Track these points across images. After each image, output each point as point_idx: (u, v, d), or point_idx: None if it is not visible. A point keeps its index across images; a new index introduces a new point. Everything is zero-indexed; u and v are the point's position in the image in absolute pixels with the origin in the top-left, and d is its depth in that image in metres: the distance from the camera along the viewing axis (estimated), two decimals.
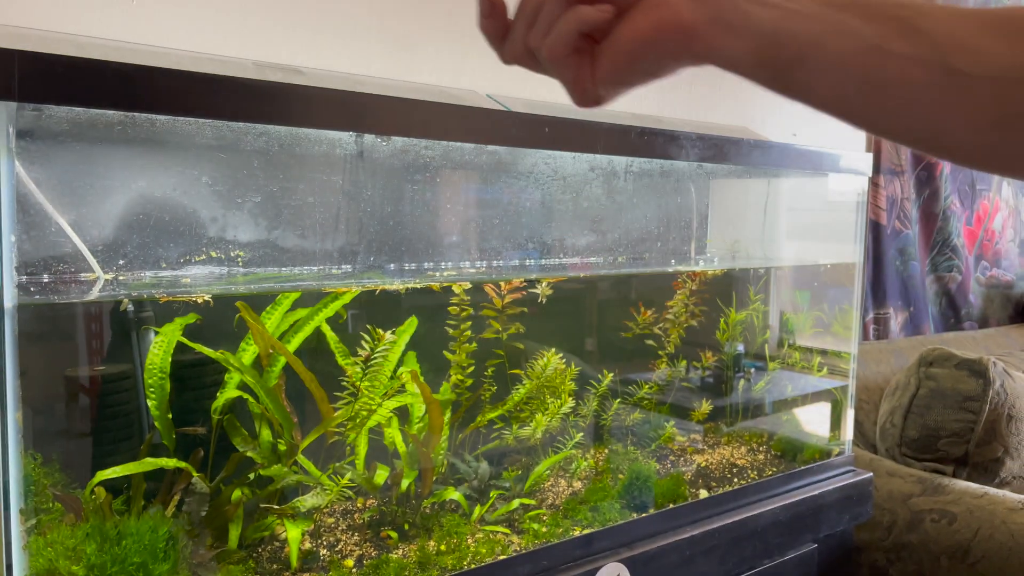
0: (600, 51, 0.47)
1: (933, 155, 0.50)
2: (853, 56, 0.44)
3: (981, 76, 0.42)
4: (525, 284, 1.15)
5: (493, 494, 1.13)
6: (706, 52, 0.46)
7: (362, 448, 1.05)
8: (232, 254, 0.96)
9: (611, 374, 1.31)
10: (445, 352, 1.13)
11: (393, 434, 1.07)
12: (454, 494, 1.09)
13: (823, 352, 1.57)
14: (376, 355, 1.02)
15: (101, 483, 0.83)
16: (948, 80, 0.42)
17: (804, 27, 0.44)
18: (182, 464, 0.89)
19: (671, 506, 1.19)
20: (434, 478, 1.10)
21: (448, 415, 1.11)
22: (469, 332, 1.13)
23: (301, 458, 0.99)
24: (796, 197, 1.60)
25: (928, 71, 0.43)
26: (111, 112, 0.74)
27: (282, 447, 0.97)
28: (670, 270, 1.44)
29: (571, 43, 0.47)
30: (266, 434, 0.97)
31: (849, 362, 1.54)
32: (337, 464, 1.03)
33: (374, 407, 1.03)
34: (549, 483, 1.22)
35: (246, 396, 0.96)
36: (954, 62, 0.42)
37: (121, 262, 0.89)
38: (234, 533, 0.91)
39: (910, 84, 0.43)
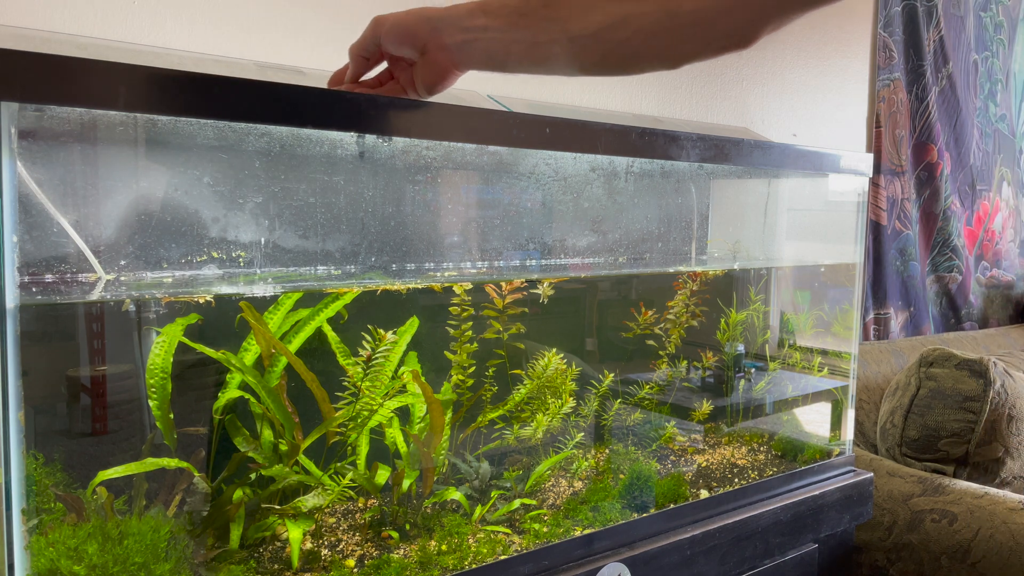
0: (414, 82, 0.83)
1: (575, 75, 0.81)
2: (526, 51, 0.75)
3: (589, 34, 0.72)
4: (526, 284, 1.15)
5: (494, 494, 1.13)
6: (462, 71, 0.81)
7: (363, 448, 1.05)
8: (234, 254, 0.96)
9: (612, 374, 1.31)
10: (446, 352, 1.13)
11: (394, 434, 1.07)
12: (455, 494, 1.09)
13: (823, 352, 1.57)
14: (377, 355, 1.02)
15: (103, 483, 0.83)
16: (571, 43, 0.73)
17: (498, 46, 0.76)
18: (183, 464, 0.89)
19: (672, 506, 1.19)
20: (435, 478, 1.10)
21: (449, 415, 1.11)
22: (470, 332, 1.13)
23: (302, 458, 0.99)
24: (796, 197, 1.60)
25: (561, 44, 0.73)
26: (112, 112, 0.74)
27: (283, 447, 0.97)
28: (671, 270, 1.44)
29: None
30: (267, 434, 0.97)
31: (849, 362, 1.54)
32: (338, 464, 1.03)
33: (375, 407, 1.03)
34: (550, 483, 1.22)
35: (248, 396, 0.97)
36: (575, 33, 0.72)
37: (123, 262, 0.89)
38: (235, 533, 0.91)
39: (557, 55, 0.74)
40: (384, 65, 0.87)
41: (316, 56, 1.25)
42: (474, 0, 0.77)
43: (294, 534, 0.94)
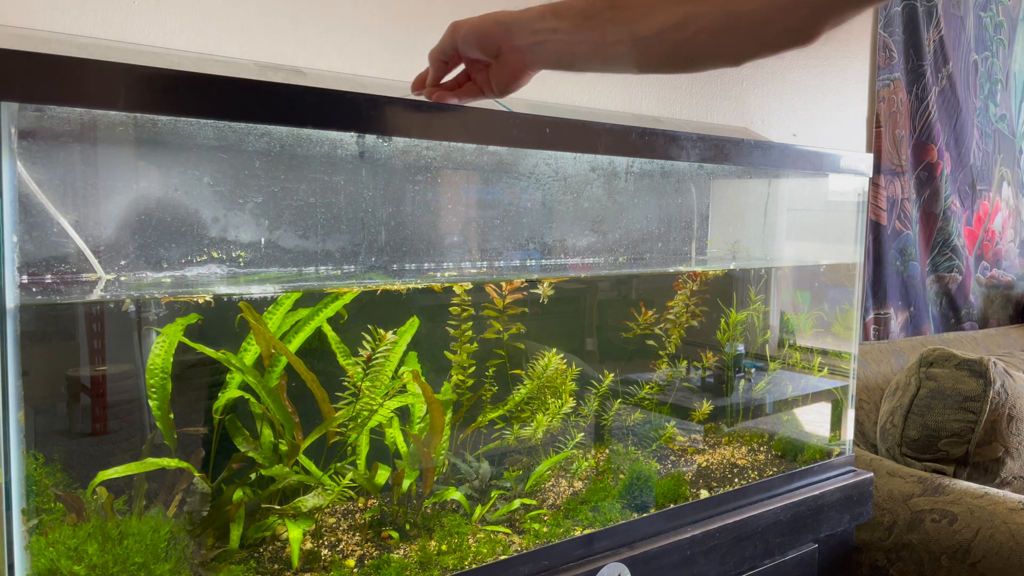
0: (490, 82, 0.86)
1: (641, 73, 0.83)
2: (593, 52, 0.78)
3: (653, 35, 0.74)
4: (526, 284, 1.15)
5: (494, 494, 1.13)
6: (535, 71, 0.84)
7: (363, 448, 1.05)
8: (234, 254, 0.96)
9: (612, 374, 1.31)
10: (446, 352, 1.13)
11: (394, 434, 1.07)
12: (455, 494, 1.09)
13: (824, 352, 1.57)
14: (377, 355, 1.02)
15: (103, 483, 0.83)
16: (636, 44, 0.75)
17: (566, 47, 0.79)
18: (183, 464, 0.89)
19: (672, 506, 1.19)
20: (435, 478, 1.10)
21: (449, 415, 1.11)
22: (470, 332, 1.13)
23: (302, 458, 0.99)
24: (796, 197, 1.60)
25: (627, 45, 0.76)
26: (113, 112, 0.74)
27: (283, 447, 0.97)
28: (671, 270, 1.44)
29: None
30: (267, 434, 0.97)
31: (849, 362, 1.54)
32: (338, 464, 1.03)
33: (375, 407, 1.03)
34: (550, 483, 1.22)
35: (248, 396, 0.97)
36: (639, 34, 0.74)
37: (123, 262, 0.89)
38: (235, 533, 0.91)
39: (622, 55, 0.77)
40: (462, 67, 0.90)
41: (316, 56, 1.25)
42: (545, 4, 0.81)
43: (294, 534, 0.94)
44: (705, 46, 0.74)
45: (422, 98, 0.91)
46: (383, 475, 1.06)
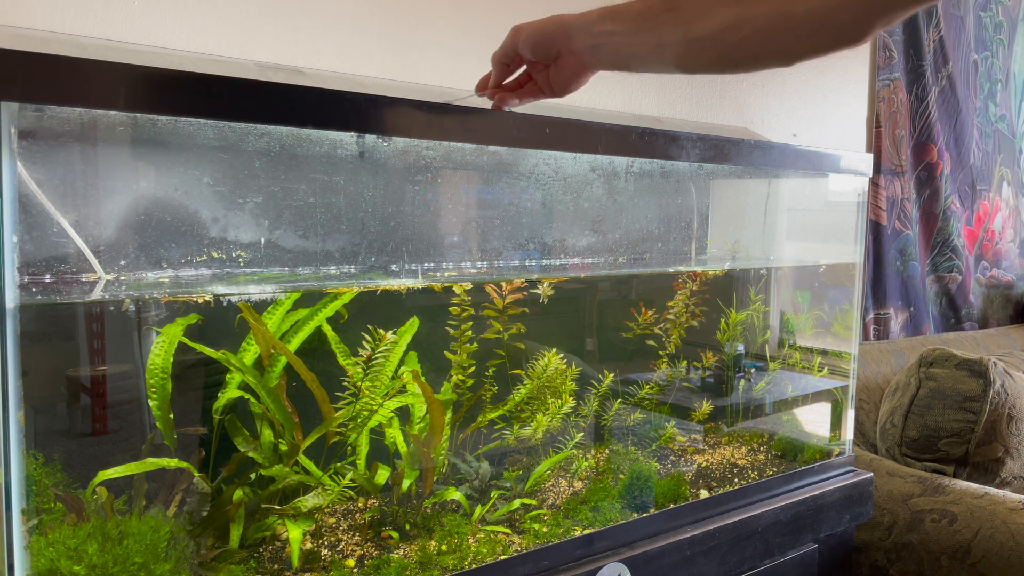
0: (550, 82, 0.91)
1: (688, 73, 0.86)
2: (649, 53, 0.81)
3: (707, 36, 0.75)
4: (526, 284, 1.15)
5: (494, 494, 1.13)
6: (593, 72, 0.88)
7: (363, 448, 1.05)
8: (234, 254, 0.96)
9: (612, 374, 1.31)
10: (446, 352, 1.13)
11: (394, 434, 1.07)
12: (455, 494, 1.09)
13: (823, 352, 1.57)
14: (377, 355, 1.02)
15: (103, 483, 0.83)
16: (691, 45, 0.77)
17: (624, 48, 0.82)
18: (183, 464, 0.89)
19: (672, 506, 1.19)
20: (435, 478, 1.10)
21: (449, 415, 1.11)
22: (470, 332, 1.13)
23: (302, 458, 0.99)
24: (796, 197, 1.60)
25: (683, 45, 0.77)
26: (113, 112, 0.74)
27: (283, 447, 0.97)
28: (671, 270, 1.44)
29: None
30: (267, 434, 0.97)
31: (849, 362, 1.54)
32: (338, 464, 1.03)
33: (375, 407, 1.03)
34: (550, 483, 1.22)
35: (247, 396, 0.97)
36: (694, 35, 0.76)
37: (123, 262, 0.89)
38: (235, 533, 0.91)
39: (678, 56, 0.79)
40: (524, 68, 0.94)
41: (316, 56, 1.25)
42: (603, 7, 0.83)
43: (294, 534, 0.94)
44: (759, 47, 0.75)
45: (485, 99, 0.93)
46: (383, 475, 1.06)
